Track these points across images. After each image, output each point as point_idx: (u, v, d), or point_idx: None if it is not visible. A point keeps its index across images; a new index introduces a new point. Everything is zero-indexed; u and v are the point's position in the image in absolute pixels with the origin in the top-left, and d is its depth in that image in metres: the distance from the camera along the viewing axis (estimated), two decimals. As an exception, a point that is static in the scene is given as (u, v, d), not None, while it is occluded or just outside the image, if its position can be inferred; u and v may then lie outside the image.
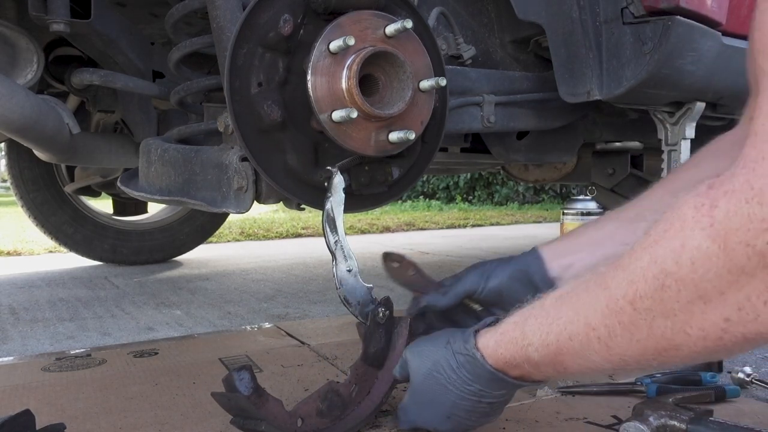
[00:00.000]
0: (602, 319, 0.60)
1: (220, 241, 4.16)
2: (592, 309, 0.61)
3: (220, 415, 1.02)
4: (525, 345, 0.71)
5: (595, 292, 0.61)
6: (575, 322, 0.64)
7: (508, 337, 0.74)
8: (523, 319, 0.73)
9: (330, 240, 0.93)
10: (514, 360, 0.73)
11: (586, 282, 0.64)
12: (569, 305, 0.65)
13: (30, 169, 2.82)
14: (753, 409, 1.04)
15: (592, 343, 0.62)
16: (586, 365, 0.65)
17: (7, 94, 1.35)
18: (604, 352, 0.61)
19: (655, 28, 1.20)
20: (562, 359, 0.67)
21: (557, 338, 0.66)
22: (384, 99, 0.98)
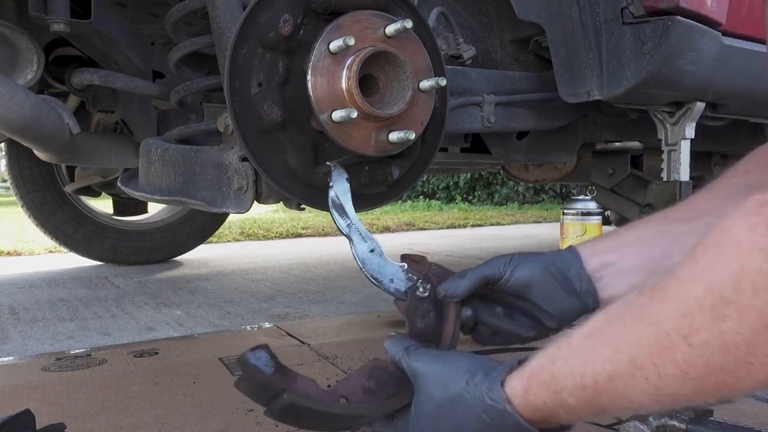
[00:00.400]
0: (650, 358, 0.54)
1: (220, 241, 4.16)
2: (636, 346, 0.56)
3: (220, 414, 1.02)
4: (557, 389, 0.65)
5: (638, 327, 0.56)
6: (616, 360, 0.58)
7: (537, 382, 0.67)
8: (550, 361, 0.67)
9: (342, 224, 0.89)
10: (546, 406, 0.67)
11: (622, 316, 0.59)
12: (605, 342, 0.60)
13: (30, 169, 2.82)
14: (753, 409, 1.04)
15: (638, 383, 0.56)
16: (629, 405, 0.60)
17: (8, 94, 1.35)
18: (652, 393, 0.56)
19: (655, 28, 1.20)
20: (600, 401, 0.61)
21: (594, 379, 0.60)
22: (384, 99, 0.98)
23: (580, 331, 0.65)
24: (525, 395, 0.68)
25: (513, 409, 0.68)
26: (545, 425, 0.68)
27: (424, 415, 0.77)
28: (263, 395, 0.74)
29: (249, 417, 1.01)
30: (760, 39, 1.38)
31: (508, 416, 0.69)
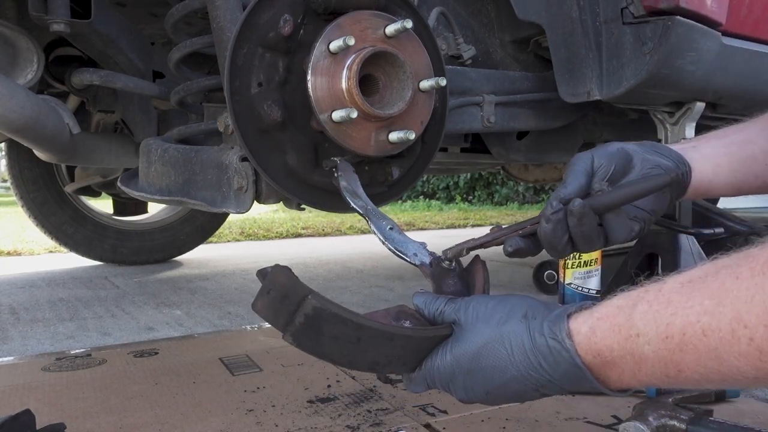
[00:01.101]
0: (762, 318, 0.47)
1: (220, 241, 4.16)
2: (746, 302, 0.48)
3: (220, 414, 1.02)
4: (632, 335, 0.57)
5: (754, 281, 0.48)
6: (716, 315, 0.50)
7: (608, 324, 0.59)
8: (631, 303, 0.58)
9: (358, 206, 0.88)
10: (611, 353, 0.59)
11: (735, 267, 0.51)
12: (707, 293, 0.52)
13: (30, 169, 2.82)
14: (753, 409, 1.04)
15: (739, 344, 0.49)
16: (716, 368, 0.53)
17: (8, 94, 1.35)
18: (753, 357, 0.49)
19: (655, 28, 1.20)
20: (682, 359, 0.54)
21: (684, 331, 0.53)
22: (384, 99, 0.98)
23: (675, 276, 0.57)
24: (590, 335, 0.60)
25: (572, 346, 0.61)
26: (599, 378, 0.61)
27: (460, 355, 0.68)
28: (284, 308, 0.66)
29: (249, 417, 1.01)
30: (760, 39, 1.39)
31: (562, 355, 0.61)
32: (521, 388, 0.66)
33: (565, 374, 0.62)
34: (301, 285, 0.66)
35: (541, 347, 0.63)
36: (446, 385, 0.70)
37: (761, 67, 1.40)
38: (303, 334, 0.66)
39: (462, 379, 0.68)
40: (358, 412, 1.02)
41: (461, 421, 0.99)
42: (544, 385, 0.64)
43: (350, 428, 0.96)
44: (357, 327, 0.66)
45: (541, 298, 1.41)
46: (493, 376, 0.66)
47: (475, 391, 0.68)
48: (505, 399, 0.68)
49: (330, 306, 0.65)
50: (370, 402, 1.07)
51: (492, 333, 0.67)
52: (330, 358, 0.68)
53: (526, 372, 0.64)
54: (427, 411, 1.02)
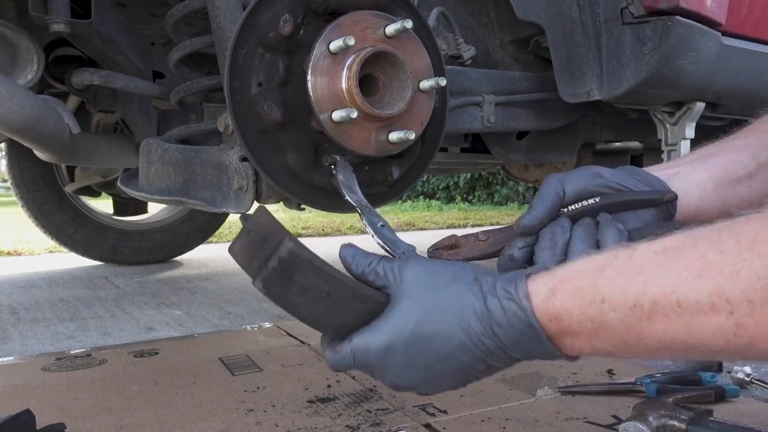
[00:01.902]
0: (747, 293, 0.46)
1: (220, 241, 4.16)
2: (730, 276, 0.47)
3: (220, 414, 1.02)
4: (596, 300, 0.54)
5: (742, 255, 0.46)
6: (696, 287, 0.49)
7: (570, 287, 0.56)
8: (597, 267, 0.55)
9: (353, 200, 0.87)
10: (570, 316, 0.56)
11: (716, 240, 0.49)
12: (685, 264, 0.50)
13: (30, 169, 2.82)
14: (753, 409, 1.04)
15: (718, 317, 0.47)
16: (681, 341, 0.51)
17: (8, 94, 1.35)
18: (728, 331, 0.48)
19: (655, 28, 1.20)
20: (649, 329, 0.52)
21: (654, 300, 0.50)
22: (384, 99, 0.98)
23: (647, 244, 0.54)
24: (549, 297, 0.57)
25: (528, 306, 0.57)
26: (552, 341, 0.58)
27: (400, 324, 0.62)
28: (261, 252, 0.63)
29: (249, 417, 1.01)
30: (760, 39, 1.39)
31: (518, 316, 0.57)
32: (467, 360, 0.60)
33: (519, 339, 0.58)
34: (281, 228, 0.63)
35: (495, 309, 0.59)
36: (379, 362, 0.63)
37: (761, 67, 1.40)
38: (273, 281, 0.63)
39: (400, 352, 0.61)
40: (358, 412, 1.02)
41: (461, 421, 0.99)
42: (493, 354, 0.60)
43: (350, 428, 0.96)
44: (329, 280, 0.62)
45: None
46: (438, 346, 0.60)
47: (413, 367, 0.62)
48: (447, 377, 0.62)
49: (306, 252, 0.62)
50: (370, 402, 1.07)
51: (437, 297, 0.61)
52: (296, 312, 0.64)
53: (477, 338, 0.59)
54: (427, 411, 1.02)
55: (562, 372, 1.23)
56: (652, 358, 0.57)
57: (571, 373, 1.22)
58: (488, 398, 1.08)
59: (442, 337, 0.60)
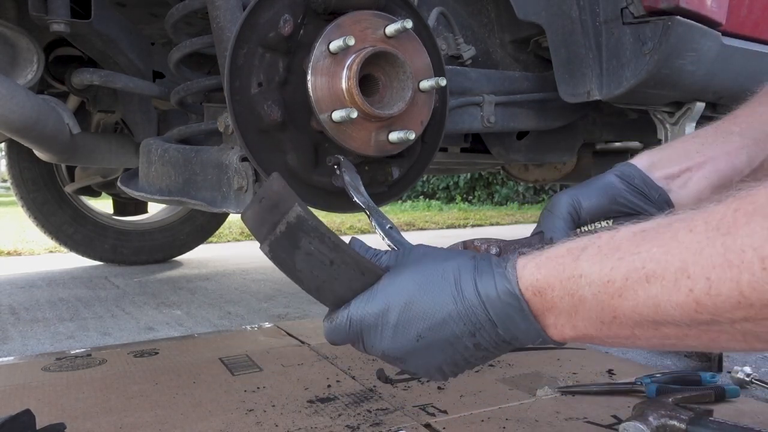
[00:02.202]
0: (707, 270, 0.47)
1: (220, 241, 4.16)
2: (694, 253, 0.48)
3: (220, 414, 1.02)
4: (575, 275, 0.56)
5: (707, 235, 0.48)
6: (662, 263, 0.50)
7: (554, 263, 0.59)
8: (581, 246, 0.58)
9: (360, 201, 0.87)
10: (552, 290, 0.58)
11: (689, 221, 0.50)
12: (657, 242, 0.52)
13: (30, 169, 2.82)
14: (753, 409, 1.04)
15: (678, 293, 0.49)
16: (652, 317, 0.52)
17: (8, 95, 1.35)
18: (689, 308, 0.49)
19: (655, 28, 1.20)
20: (620, 304, 0.53)
21: (627, 276, 0.52)
22: (384, 99, 0.98)
23: (630, 226, 0.56)
24: (534, 272, 0.59)
25: (514, 277, 0.60)
26: (536, 317, 0.60)
27: (398, 289, 0.64)
28: (271, 217, 0.65)
29: (249, 417, 1.01)
30: (760, 39, 1.39)
31: (504, 287, 0.60)
32: (458, 331, 0.62)
33: (505, 312, 0.60)
34: (292, 194, 0.65)
35: (486, 281, 0.61)
36: (373, 324, 0.64)
37: (761, 67, 1.40)
38: (279, 245, 0.65)
39: (395, 315, 0.63)
40: (358, 412, 1.02)
41: (461, 421, 0.99)
42: (483, 328, 0.61)
43: (350, 428, 0.96)
44: (333, 247, 0.64)
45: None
46: (431, 313, 0.62)
47: (405, 333, 0.63)
48: (436, 351, 0.64)
49: (313, 219, 0.64)
50: (370, 402, 1.07)
51: (435, 267, 0.64)
52: (299, 279, 0.66)
53: (468, 308, 0.61)
54: (427, 411, 1.02)
55: (562, 372, 1.23)
56: (628, 343, 0.58)
57: (571, 373, 1.22)
58: (488, 398, 1.08)
59: (437, 304, 0.62)
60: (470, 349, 0.63)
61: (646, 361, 1.37)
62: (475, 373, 1.22)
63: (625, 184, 0.81)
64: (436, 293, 0.63)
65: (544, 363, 1.29)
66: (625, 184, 0.81)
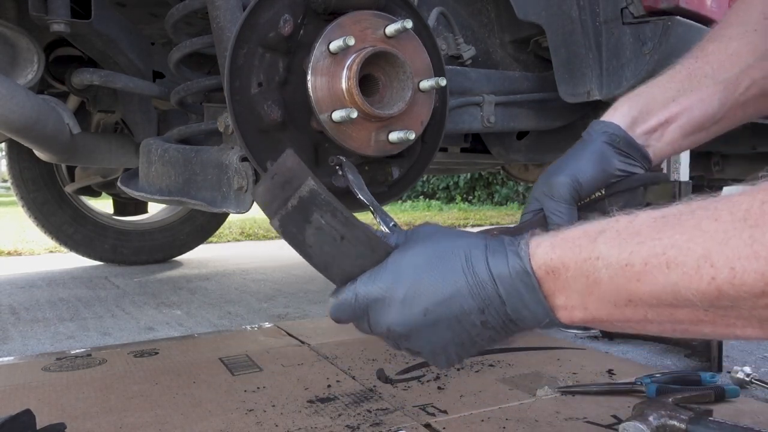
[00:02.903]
0: (732, 260, 0.47)
1: (220, 241, 4.16)
2: (719, 243, 0.48)
3: (220, 414, 1.02)
4: (591, 257, 0.56)
5: (733, 225, 0.47)
6: (685, 250, 0.50)
7: (570, 244, 0.58)
8: (599, 229, 0.57)
9: (365, 199, 0.86)
10: (567, 271, 0.58)
11: (713, 210, 0.50)
12: (679, 229, 0.51)
13: (30, 169, 2.82)
14: (752, 409, 1.04)
15: (700, 281, 0.49)
16: (667, 303, 0.52)
17: (8, 95, 1.35)
18: (710, 296, 0.49)
19: (655, 28, 1.20)
20: (636, 288, 0.53)
21: (646, 261, 0.52)
22: (384, 99, 0.98)
23: (649, 212, 0.55)
24: (549, 251, 0.59)
25: (526, 255, 0.59)
26: (548, 299, 0.59)
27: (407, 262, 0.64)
28: (283, 193, 0.64)
29: (249, 417, 1.01)
30: (760, 39, 1.38)
31: (516, 264, 0.59)
32: (466, 307, 0.61)
33: (515, 288, 0.60)
34: (306, 169, 0.64)
35: (498, 256, 0.61)
36: (381, 297, 0.64)
37: (761, 67, 1.40)
38: (291, 220, 0.64)
39: (404, 289, 0.63)
40: (358, 412, 1.02)
41: (461, 421, 0.99)
42: (491, 306, 0.61)
43: (350, 428, 0.96)
44: (344, 222, 0.64)
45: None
46: (440, 287, 0.62)
47: (413, 307, 0.63)
48: (443, 328, 0.63)
49: (326, 193, 0.63)
50: (370, 402, 1.07)
51: (446, 243, 0.64)
52: (308, 254, 0.66)
53: (477, 284, 0.61)
54: (427, 411, 1.02)
55: (562, 372, 1.23)
56: (638, 327, 0.58)
57: (571, 373, 1.22)
58: (488, 398, 1.08)
59: (446, 279, 0.62)
60: (477, 327, 0.62)
61: (646, 361, 1.37)
62: (475, 373, 1.22)
63: (613, 150, 0.84)
64: (446, 268, 0.62)
65: (544, 363, 1.29)
66: (613, 150, 0.84)
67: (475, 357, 1.32)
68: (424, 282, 0.62)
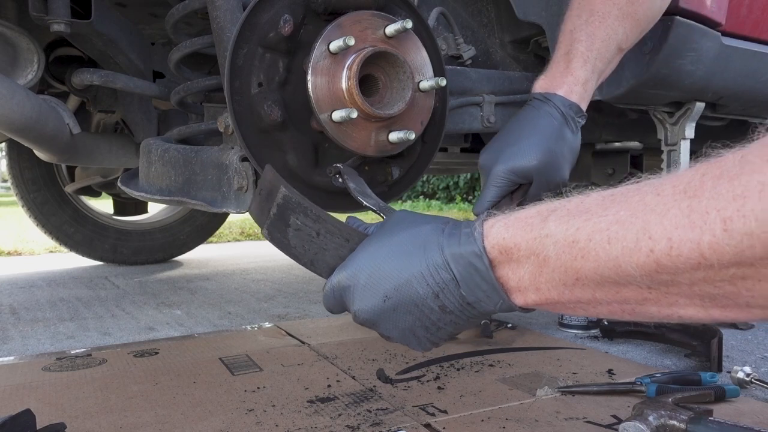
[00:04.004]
0: (669, 231, 0.47)
1: (220, 241, 4.16)
2: (657, 214, 0.48)
3: (220, 414, 1.02)
4: (542, 235, 0.56)
5: (674, 198, 0.48)
6: (626, 224, 0.50)
7: (523, 222, 0.59)
8: (551, 209, 0.58)
9: (370, 204, 0.88)
10: (518, 250, 0.58)
11: (659, 185, 0.50)
12: (625, 205, 0.52)
13: (30, 169, 2.82)
14: (752, 409, 1.04)
15: (639, 254, 0.49)
16: (611, 280, 0.52)
17: (8, 95, 1.35)
18: (649, 269, 0.49)
19: (655, 28, 1.20)
20: (581, 266, 0.53)
21: (590, 237, 0.52)
22: (384, 99, 0.98)
23: (601, 192, 0.56)
24: (502, 231, 0.60)
25: (480, 235, 0.60)
26: (501, 280, 0.60)
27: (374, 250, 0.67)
28: (267, 204, 0.70)
29: (249, 417, 1.01)
30: (759, 39, 1.39)
31: (470, 244, 0.60)
32: (422, 291, 0.63)
33: (468, 270, 0.60)
34: (279, 179, 0.70)
35: (452, 239, 0.62)
36: (348, 284, 0.67)
37: (761, 67, 1.40)
38: (274, 226, 0.70)
39: (366, 275, 0.66)
40: (358, 412, 1.02)
41: (461, 421, 0.99)
42: (446, 288, 0.62)
43: (350, 428, 0.96)
44: (316, 219, 0.68)
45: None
46: (398, 273, 0.64)
47: (374, 292, 0.65)
48: (403, 313, 0.65)
49: (297, 196, 0.69)
50: (370, 402, 1.07)
51: (408, 230, 0.66)
52: (294, 255, 0.70)
53: (433, 268, 0.62)
54: (427, 411, 1.02)
55: (562, 372, 1.23)
56: (590, 309, 0.58)
57: (571, 373, 1.22)
58: (488, 398, 1.08)
59: (403, 264, 0.64)
60: (436, 312, 0.64)
61: (646, 361, 1.37)
62: (475, 373, 1.22)
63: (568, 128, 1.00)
64: (404, 254, 0.64)
65: (544, 363, 1.29)
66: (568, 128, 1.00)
67: (475, 357, 1.33)
68: (384, 268, 0.65)
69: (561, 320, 1.64)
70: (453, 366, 1.27)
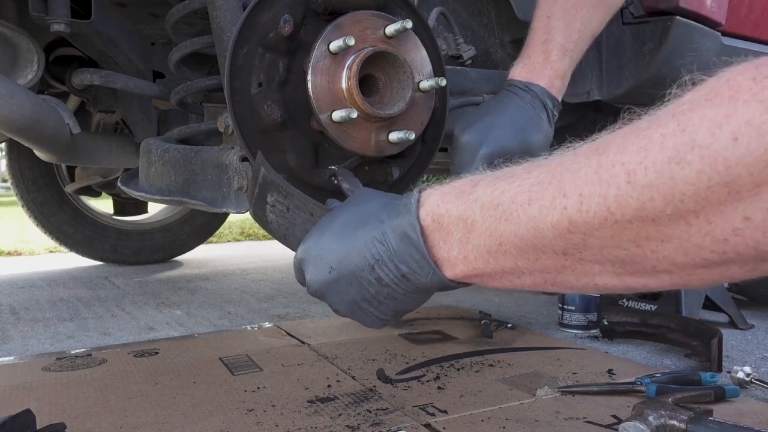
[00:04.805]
0: (579, 187, 0.48)
1: (220, 241, 4.16)
2: (570, 172, 0.49)
3: (220, 414, 1.02)
4: (471, 200, 0.57)
5: (586, 155, 0.49)
6: (545, 185, 0.51)
7: (456, 190, 0.60)
8: (482, 176, 0.59)
9: None
10: (449, 217, 0.59)
11: (578, 147, 0.52)
12: (546, 167, 0.53)
13: (30, 169, 2.82)
14: (753, 409, 1.04)
15: (554, 212, 0.49)
16: (530, 243, 0.52)
17: (8, 95, 1.35)
18: (563, 228, 0.49)
19: (655, 28, 1.20)
20: (504, 229, 0.54)
21: (513, 199, 0.53)
22: (384, 99, 0.98)
23: (531, 161, 0.57)
24: (438, 200, 0.61)
25: (415, 203, 0.62)
26: (432, 249, 0.61)
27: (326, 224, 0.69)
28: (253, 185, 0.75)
29: (249, 417, 1.01)
30: (759, 39, 1.39)
31: (405, 216, 0.61)
32: (360, 263, 0.64)
33: (401, 240, 0.61)
34: (262, 162, 0.74)
35: (391, 211, 0.63)
36: (303, 257, 0.70)
37: (761, 67, 1.40)
38: (257, 205, 0.74)
39: (316, 249, 0.68)
40: (358, 412, 1.02)
41: (461, 421, 0.99)
42: (381, 260, 0.63)
43: (350, 428, 0.96)
44: (285, 195, 0.72)
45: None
46: (341, 246, 0.65)
47: (322, 265, 0.67)
48: (345, 285, 0.66)
49: (273, 174, 0.73)
50: (370, 402, 1.07)
51: (359, 205, 0.68)
52: (272, 231, 0.74)
53: (369, 239, 0.63)
54: (427, 411, 1.02)
55: (562, 372, 1.23)
56: (514, 280, 0.58)
57: (571, 373, 1.22)
58: (488, 398, 1.08)
59: (348, 237, 0.65)
60: (374, 284, 0.65)
61: (645, 361, 1.37)
62: (475, 373, 1.22)
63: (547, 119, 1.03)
64: (349, 227, 0.66)
65: (544, 363, 1.29)
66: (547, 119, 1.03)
67: (475, 357, 1.33)
68: (331, 241, 0.67)
69: (561, 320, 1.64)
70: (453, 366, 1.27)
